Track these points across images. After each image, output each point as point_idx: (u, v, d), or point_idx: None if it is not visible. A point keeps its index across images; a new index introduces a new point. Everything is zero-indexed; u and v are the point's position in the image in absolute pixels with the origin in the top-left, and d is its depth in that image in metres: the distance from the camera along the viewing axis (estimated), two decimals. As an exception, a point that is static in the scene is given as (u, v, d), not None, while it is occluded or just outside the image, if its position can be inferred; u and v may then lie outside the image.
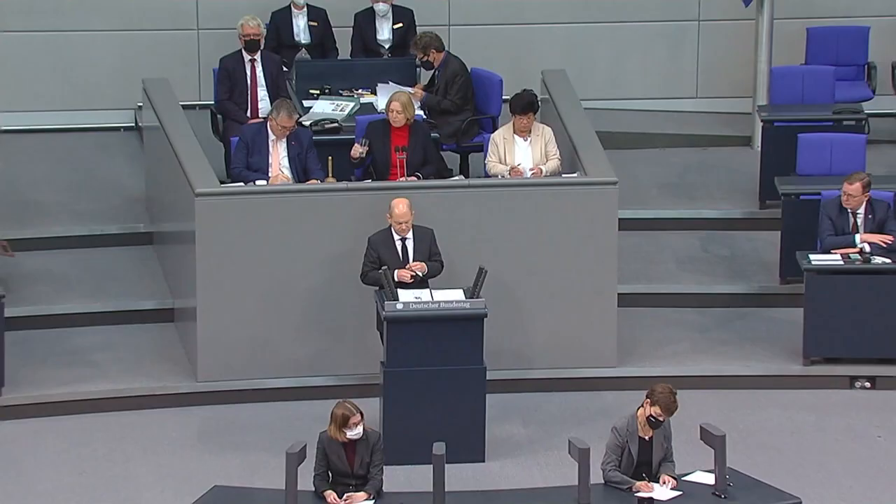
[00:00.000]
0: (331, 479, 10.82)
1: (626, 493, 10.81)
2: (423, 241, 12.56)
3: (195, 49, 15.86)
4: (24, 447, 12.50)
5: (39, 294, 13.84)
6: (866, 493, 11.93)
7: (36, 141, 15.76)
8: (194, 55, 15.82)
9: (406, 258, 12.51)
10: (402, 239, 12.54)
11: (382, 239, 12.52)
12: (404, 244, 12.55)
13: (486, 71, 14.82)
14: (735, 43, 15.97)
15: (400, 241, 12.55)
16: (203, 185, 13.03)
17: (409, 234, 12.52)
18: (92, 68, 15.90)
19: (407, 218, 12.45)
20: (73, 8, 15.83)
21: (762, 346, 13.56)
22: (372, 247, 12.49)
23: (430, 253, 12.55)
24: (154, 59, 15.47)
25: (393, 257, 12.49)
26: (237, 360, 13.06)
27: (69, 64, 15.90)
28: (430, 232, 12.59)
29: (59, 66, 15.91)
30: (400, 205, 12.45)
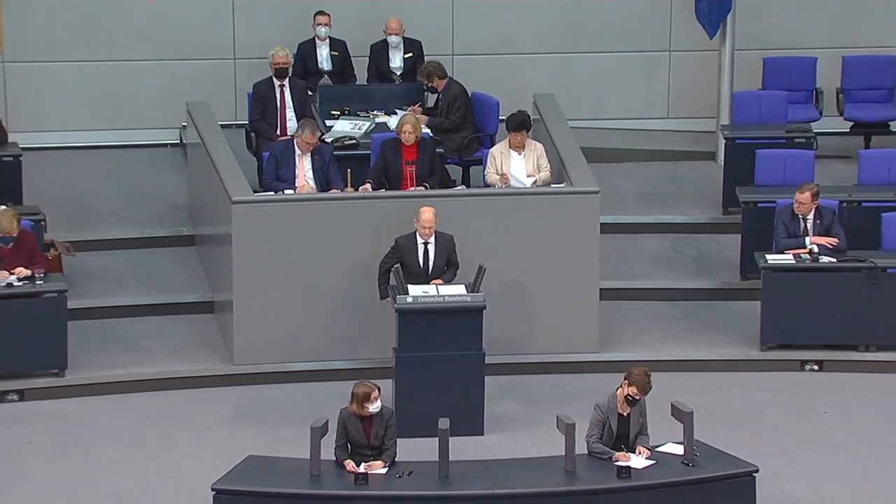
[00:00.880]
0: (350, 450, 10.81)
1: (606, 461, 10.81)
2: (443, 246, 12.54)
3: (232, 76, 15.85)
4: (84, 422, 12.52)
5: (97, 289, 13.85)
6: (814, 460, 11.92)
7: (94, 156, 15.75)
8: (231, 81, 15.80)
9: (427, 260, 12.49)
10: (424, 243, 12.51)
11: (408, 242, 12.51)
12: (426, 248, 12.53)
13: (484, 94, 14.81)
14: (701, 71, 15.96)
15: (423, 244, 12.52)
16: (239, 194, 13.03)
17: (430, 239, 12.50)
18: (142, 93, 15.89)
19: (432, 223, 12.44)
20: (126, 40, 15.82)
21: (725, 334, 13.55)
22: (397, 247, 12.49)
23: (448, 258, 12.54)
24: (196, 84, 15.47)
25: (415, 259, 12.49)
26: (268, 347, 13.04)
27: (123, 89, 15.89)
28: (450, 238, 12.57)
29: (114, 91, 15.89)
30: (427, 212, 12.45)
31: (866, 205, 13.87)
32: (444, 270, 12.54)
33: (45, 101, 15.84)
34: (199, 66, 15.84)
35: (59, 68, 15.86)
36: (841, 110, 15.81)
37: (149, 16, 15.83)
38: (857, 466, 11.90)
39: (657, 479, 10.72)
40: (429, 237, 12.51)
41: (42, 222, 13.54)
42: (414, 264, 12.49)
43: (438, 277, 12.49)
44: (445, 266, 12.55)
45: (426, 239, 12.52)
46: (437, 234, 12.54)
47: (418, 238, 12.52)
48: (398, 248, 12.51)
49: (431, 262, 12.53)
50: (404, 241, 12.53)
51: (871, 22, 16.20)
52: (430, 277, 12.48)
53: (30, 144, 14.79)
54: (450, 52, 15.87)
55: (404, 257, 12.48)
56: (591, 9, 16.11)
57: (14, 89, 15.61)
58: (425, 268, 12.52)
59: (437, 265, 12.53)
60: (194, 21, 15.88)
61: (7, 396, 12.73)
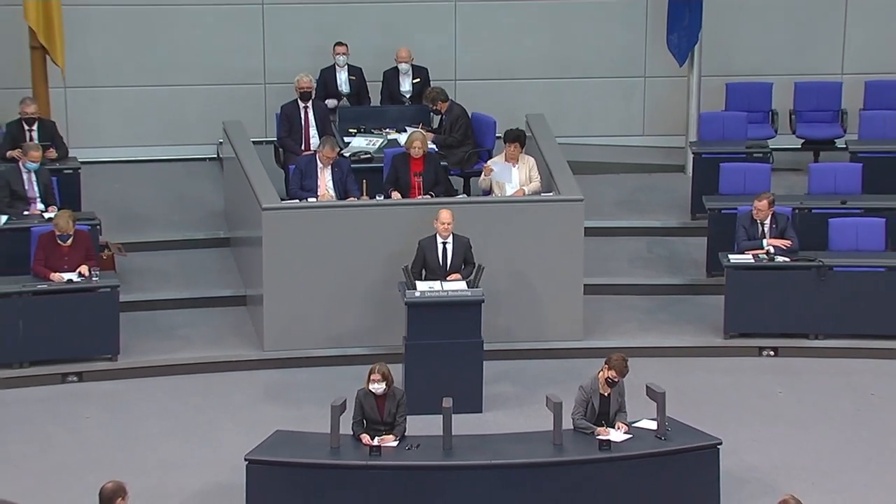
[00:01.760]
0: (365, 426, 10.81)
1: (589, 436, 10.82)
2: (459, 246, 12.51)
3: (262, 98, 15.83)
4: (134, 400, 12.53)
5: (145, 285, 13.84)
6: (770, 434, 11.92)
7: (143, 169, 15.74)
8: (261, 103, 15.78)
9: (445, 258, 12.47)
10: (443, 243, 12.49)
11: (429, 242, 12.50)
12: (445, 247, 12.50)
13: (483, 114, 14.79)
14: (672, 94, 15.93)
15: (442, 244, 12.50)
16: (268, 202, 13.02)
17: (449, 240, 12.47)
18: (184, 113, 15.88)
19: (449, 222, 12.41)
20: (170, 67, 15.81)
21: (693, 324, 13.53)
22: (420, 248, 12.48)
23: (465, 257, 12.50)
24: (231, 106, 15.45)
25: (434, 257, 12.47)
26: (294, 335, 13.03)
27: (168, 110, 15.88)
28: (466, 240, 12.54)
29: (160, 111, 15.88)
30: (445, 212, 12.45)
31: (816, 211, 13.85)
32: (462, 268, 12.49)
33: (101, 120, 15.82)
34: (234, 90, 15.81)
35: (112, 92, 15.85)
36: (793, 129, 15.77)
37: (190, 46, 15.82)
38: (808, 439, 11.91)
39: (634, 451, 10.72)
40: (447, 237, 12.48)
41: (98, 226, 13.53)
42: (434, 262, 12.48)
43: (456, 273, 12.46)
44: (463, 264, 12.51)
45: (445, 239, 12.49)
46: (455, 236, 12.52)
47: (438, 238, 12.50)
48: (421, 248, 12.50)
49: (450, 261, 12.51)
50: (426, 242, 12.52)
51: (819, 53, 16.17)
52: (448, 273, 12.45)
53: (87, 158, 14.76)
54: (453, 77, 15.85)
55: (426, 256, 12.47)
56: (576, 40, 16.08)
57: (74, 110, 15.60)
58: (444, 265, 12.49)
59: (454, 263, 12.50)
60: (230, 51, 15.86)
61: (68, 378, 12.74)
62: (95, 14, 15.55)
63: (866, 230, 13.53)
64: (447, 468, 10.61)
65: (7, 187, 13.52)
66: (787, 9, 16.10)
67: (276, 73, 15.73)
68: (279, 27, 15.85)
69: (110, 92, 15.84)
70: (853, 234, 13.53)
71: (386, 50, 15.44)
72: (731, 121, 15.29)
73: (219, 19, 15.81)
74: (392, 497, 10.56)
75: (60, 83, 15.15)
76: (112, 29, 15.68)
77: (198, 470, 11.36)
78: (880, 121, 15.24)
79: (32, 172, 13.59)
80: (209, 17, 15.80)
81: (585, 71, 16.13)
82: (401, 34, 15.65)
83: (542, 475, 10.64)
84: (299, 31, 15.78)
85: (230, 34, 15.84)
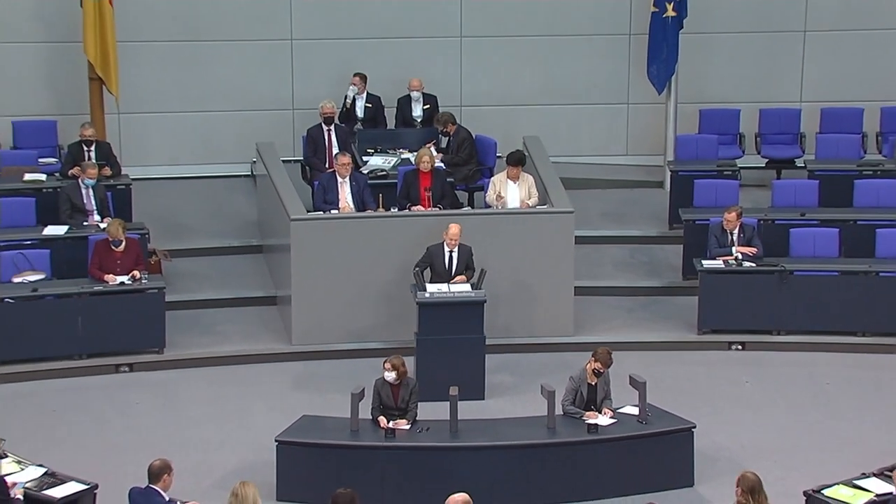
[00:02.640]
0: (381, 411, 10.79)
1: (579, 420, 10.81)
2: (463, 254, 12.49)
3: (291, 122, 15.77)
4: (178, 388, 12.52)
5: (187, 286, 13.80)
6: (738, 418, 11.89)
7: (186, 185, 15.68)
8: (290, 126, 15.73)
9: (451, 264, 12.45)
10: (450, 251, 12.46)
11: (437, 249, 12.47)
12: (451, 255, 12.47)
13: (486, 136, 14.73)
14: (652, 119, 15.88)
15: (448, 252, 12.47)
16: (296, 213, 12.99)
17: (455, 249, 12.44)
18: (222, 136, 15.84)
19: (457, 237, 12.42)
20: (210, 95, 15.75)
21: (670, 321, 13.47)
22: (428, 252, 12.44)
23: (467, 264, 12.47)
24: (263, 129, 15.39)
25: (441, 262, 12.45)
26: (319, 331, 12.99)
27: (208, 133, 15.85)
28: (469, 249, 12.51)
29: (201, 134, 15.84)
30: (454, 227, 12.42)
31: (778, 222, 13.78)
32: (465, 272, 12.46)
33: (149, 142, 15.78)
34: (266, 115, 15.76)
35: (159, 117, 15.80)
36: (758, 150, 15.70)
37: (228, 77, 15.78)
38: (771, 422, 11.88)
39: (618, 433, 10.72)
40: (454, 247, 12.46)
41: (146, 235, 13.49)
42: (440, 266, 12.45)
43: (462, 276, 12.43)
44: (465, 269, 12.48)
45: (451, 248, 12.46)
46: (460, 245, 12.49)
47: (445, 247, 12.46)
48: (429, 253, 12.47)
49: (454, 266, 12.48)
50: (434, 248, 12.49)
51: (780, 83, 16.09)
52: (453, 277, 12.41)
53: (138, 176, 14.72)
54: (459, 103, 15.80)
55: (433, 261, 12.44)
56: (567, 71, 16.03)
57: (126, 133, 15.57)
58: (449, 269, 12.47)
59: (458, 269, 12.48)
60: (262, 81, 15.81)
61: (120, 368, 12.72)
62: (145, 49, 15.52)
63: (822, 239, 13.48)
64: (454, 449, 10.60)
65: (68, 201, 13.51)
66: (753, 45, 16.05)
67: (302, 100, 15.68)
68: (306, 60, 15.80)
69: (158, 117, 15.81)
70: (811, 242, 13.47)
71: (400, 80, 15.38)
72: (703, 142, 15.24)
73: (253, 54, 15.77)
74: (405, 474, 10.54)
75: (115, 110, 15.17)
76: (159, 62, 15.65)
77: (234, 449, 11.34)
78: (834, 143, 15.20)
79: (90, 188, 13.57)
80: (245, 52, 15.76)
81: (575, 98, 16.09)
82: (413, 66, 15.60)
83: (538, 455, 10.63)
84: (323, 64, 15.74)
85: (263, 66, 15.80)
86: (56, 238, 13.22)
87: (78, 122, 14.50)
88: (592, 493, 10.51)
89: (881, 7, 15.89)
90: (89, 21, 14.50)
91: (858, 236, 13.58)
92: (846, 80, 16.04)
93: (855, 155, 15.11)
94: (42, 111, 15.33)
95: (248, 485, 8.93)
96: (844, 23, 15.95)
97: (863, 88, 15.95)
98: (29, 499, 9.69)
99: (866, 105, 15.74)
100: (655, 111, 15.79)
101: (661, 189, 15.61)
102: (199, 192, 15.58)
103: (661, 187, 15.65)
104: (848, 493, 9.69)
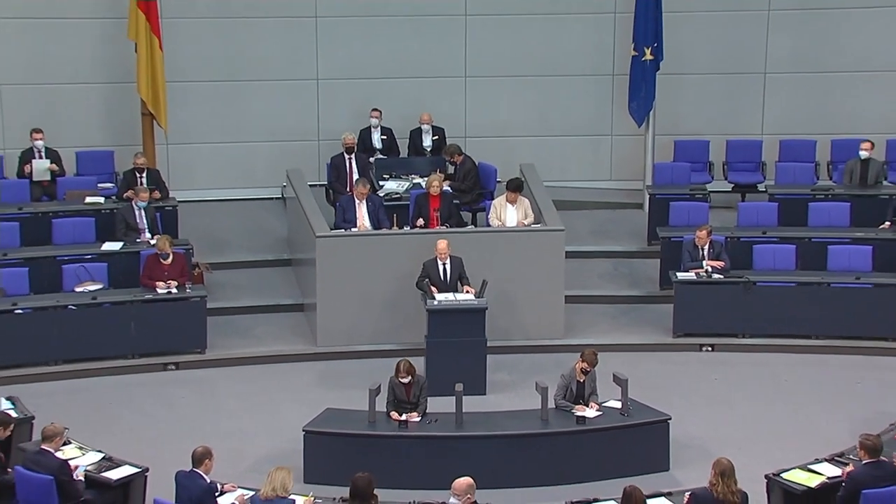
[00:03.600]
0: (395, 405, 10.78)
1: (569, 413, 10.78)
2: (455, 265, 12.48)
3: (316, 151, 15.78)
4: (218, 384, 12.51)
5: (226, 295, 13.81)
6: (708, 411, 11.86)
7: (226, 206, 15.68)
8: (316, 155, 15.74)
9: (445, 275, 12.43)
10: (443, 263, 12.45)
11: (432, 263, 12.46)
12: (444, 267, 12.46)
13: (487, 164, 14.73)
14: (633, 148, 15.87)
15: (441, 265, 12.46)
16: (321, 231, 12.99)
17: (447, 261, 12.43)
18: (256, 163, 15.85)
19: (445, 251, 12.40)
20: (246, 127, 15.78)
21: (649, 326, 13.44)
22: (425, 267, 12.44)
23: (461, 274, 12.46)
24: (292, 157, 15.39)
25: (437, 275, 12.44)
26: (341, 334, 12.98)
27: (244, 160, 15.86)
28: (459, 260, 12.50)
29: (238, 161, 15.85)
30: (441, 242, 12.43)
31: (743, 239, 13.75)
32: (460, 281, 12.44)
33: (194, 168, 15.78)
34: (295, 145, 15.77)
35: (202, 147, 15.82)
36: (725, 176, 15.67)
37: (262, 112, 15.79)
38: (737, 414, 11.85)
39: (603, 424, 10.70)
40: (445, 259, 12.44)
41: (190, 250, 13.49)
42: (437, 278, 12.42)
43: (456, 287, 12.39)
44: (460, 278, 12.46)
45: (443, 261, 12.44)
46: (451, 257, 12.47)
47: (438, 260, 12.45)
48: (425, 268, 12.47)
49: (449, 276, 12.46)
50: (429, 263, 12.48)
51: (744, 118, 16.06)
52: (449, 286, 12.38)
53: (183, 198, 14.71)
54: (464, 134, 15.81)
55: (430, 274, 12.42)
56: (559, 107, 16.03)
57: (174, 161, 15.59)
58: (444, 280, 12.44)
59: (452, 278, 12.45)
60: (292, 115, 15.82)
61: (167, 367, 12.72)
62: (190, 89, 15.55)
63: (781, 254, 13.46)
64: (459, 438, 10.58)
65: (124, 221, 13.56)
66: (721, 84, 16.05)
67: (326, 132, 15.70)
68: (329, 97, 15.82)
69: (201, 147, 15.83)
70: (771, 257, 13.45)
71: (412, 114, 15.40)
72: (678, 169, 15.23)
73: (284, 92, 15.78)
74: (416, 460, 10.53)
75: (163, 141, 15.20)
76: (202, 100, 15.67)
77: (266, 438, 11.33)
78: (791, 171, 15.18)
79: (142, 209, 13.60)
80: (276, 90, 15.77)
81: (566, 130, 16.10)
82: (423, 102, 15.60)
83: (533, 443, 10.61)
84: (344, 100, 15.76)
85: (292, 103, 15.81)
86: (112, 253, 13.25)
87: (132, 152, 14.56)
88: (580, 476, 10.48)
89: (831, 53, 15.90)
90: (142, 64, 14.54)
91: (812, 252, 13.56)
92: (801, 116, 16.03)
93: (809, 181, 15.09)
94: (101, 143, 15.36)
95: (283, 469, 8.96)
96: (799, 66, 15.96)
97: (815, 123, 15.94)
98: (89, 480, 9.70)
99: (819, 138, 15.74)
100: (635, 142, 15.79)
101: (640, 210, 15.60)
102: (236, 212, 15.59)
103: (640, 208, 15.64)
104: (803, 476, 9.68)
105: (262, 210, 15.63)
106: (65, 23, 15.19)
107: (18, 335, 12.34)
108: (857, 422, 11.30)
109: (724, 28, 15.90)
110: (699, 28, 15.88)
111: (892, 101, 15.89)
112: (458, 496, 8.79)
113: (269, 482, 8.89)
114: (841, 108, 15.99)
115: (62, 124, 15.18)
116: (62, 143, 14.89)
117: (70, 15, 15.17)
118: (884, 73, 15.88)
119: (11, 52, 15.15)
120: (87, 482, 9.66)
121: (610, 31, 15.84)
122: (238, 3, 15.55)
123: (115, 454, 10.05)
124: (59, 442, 9.67)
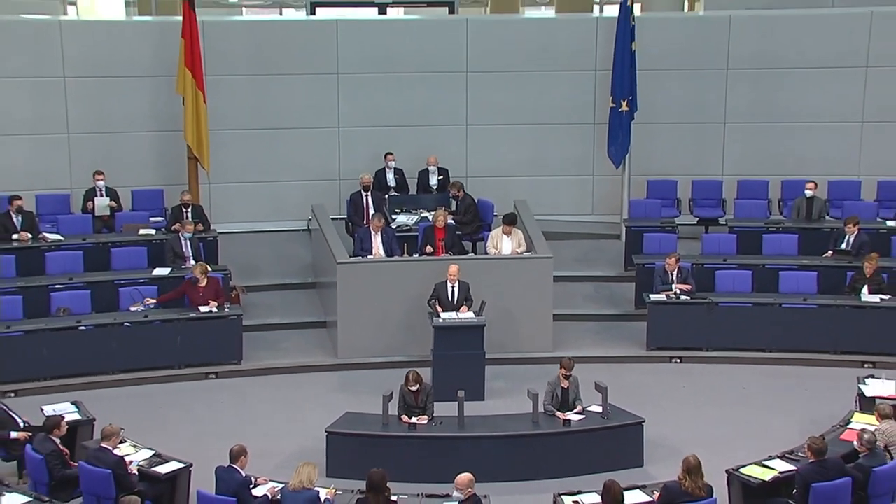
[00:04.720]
0: (406, 410, 10.76)
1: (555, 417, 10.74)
2: (462, 287, 12.49)
3: (338, 189, 15.80)
4: (252, 391, 12.49)
5: (258, 313, 13.80)
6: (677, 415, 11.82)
7: (259, 237, 15.67)
8: (337, 192, 15.75)
9: (453, 297, 12.44)
10: (452, 286, 12.45)
11: (442, 285, 12.47)
12: (453, 289, 12.46)
13: (485, 199, 14.77)
14: (611, 187, 15.90)
15: (451, 287, 12.46)
16: (341, 258, 13.00)
17: (456, 284, 12.44)
18: (286, 199, 15.87)
19: (455, 274, 12.41)
20: (277, 168, 15.80)
21: (626, 341, 13.43)
22: (436, 288, 12.45)
23: (466, 296, 12.46)
24: (316, 194, 15.43)
25: (445, 296, 12.44)
26: (358, 347, 12.97)
27: (275, 197, 15.90)
28: (467, 284, 12.51)
29: (270, 198, 15.90)
30: (453, 266, 12.45)
31: (707, 266, 13.74)
32: (465, 302, 12.45)
33: (232, 204, 15.81)
34: (319, 184, 15.79)
35: (240, 186, 15.85)
36: (691, 211, 15.69)
37: (291, 155, 15.82)
38: (703, 418, 11.82)
39: (586, 426, 10.68)
40: (454, 282, 12.44)
41: (228, 275, 13.55)
42: (445, 299, 12.42)
43: (462, 307, 12.41)
44: (465, 300, 12.47)
45: (453, 283, 12.45)
46: (460, 281, 12.47)
47: (448, 283, 12.45)
48: (436, 289, 12.47)
49: (456, 297, 12.46)
50: (439, 285, 12.49)
51: (707, 160, 16.08)
52: (457, 307, 12.39)
53: (223, 230, 14.76)
54: (465, 174, 15.83)
55: (440, 294, 12.42)
56: (548, 150, 16.04)
57: (215, 198, 15.62)
58: (451, 300, 12.44)
59: (459, 299, 12.46)
60: (316, 158, 15.84)
61: (209, 376, 12.72)
62: (229, 135, 15.61)
63: (740, 279, 13.47)
64: (461, 438, 10.57)
65: (171, 249, 13.60)
66: (687, 132, 16.08)
67: (346, 172, 15.73)
68: (349, 142, 15.86)
69: (238, 186, 15.86)
70: (731, 281, 13.46)
71: (420, 157, 15.44)
72: (650, 205, 15.24)
73: (309, 137, 15.82)
74: (424, 458, 10.50)
75: (206, 180, 15.24)
76: (239, 145, 15.72)
77: (293, 438, 11.30)
78: (748, 207, 15.20)
79: (187, 240, 13.64)
80: (303, 136, 15.82)
81: (554, 171, 16.12)
82: (430, 146, 15.65)
83: (525, 443, 10.59)
84: (362, 145, 15.80)
85: (317, 147, 15.85)
86: (162, 277, 13.28)
87: (179, 191, 14.62)
88: (566, 471, 10.45)
89: (781, 106, 15.95)
90: (188, 115, 14.61)
91: (766, 277, 13.56)
92: (756, 160, 16.06)
93: (763, 216, 15.11)
94: (152, 182, 15.41)
95: (309, 464, 8.95)
96: (754, 117, 16.00)
97: (768, 166, 15.96)
98: (142, 474, 9.70)
99: (771, 178, 15.77)
100: (614, 181, 15.81)
101: (618, 240, 15.60)
102: (268, 242, 15.60)
103: (618, 239, 15.64)
104: (759, 471, 9.68)
105: (291, 240, 15.65)
106: (123, 80, 15.29)
107: (82, 348, 12.39)
108: (806, 423, 11.31)
109: (689, 84, 15.97)
110: (668, 83, 15.94)
111: (833, 147, 15.96)
112: (460, 489, 8.79)
113: (297, 475, 8.89)
114: (790, 153, 16.04)
115: (120, 167, 15.24)
116: (120, 183, 14.95)
117: (127, 73, 15.28)
118: (826, 123, 15.96)
119: (78, 105, 15.24)
120: (139, 476, 9.67)
121: (591, 86, 15.90)
122: (271, 62, 15.62)
123: (163, 451, 10.06)
124: (116, 441, 9.69)
